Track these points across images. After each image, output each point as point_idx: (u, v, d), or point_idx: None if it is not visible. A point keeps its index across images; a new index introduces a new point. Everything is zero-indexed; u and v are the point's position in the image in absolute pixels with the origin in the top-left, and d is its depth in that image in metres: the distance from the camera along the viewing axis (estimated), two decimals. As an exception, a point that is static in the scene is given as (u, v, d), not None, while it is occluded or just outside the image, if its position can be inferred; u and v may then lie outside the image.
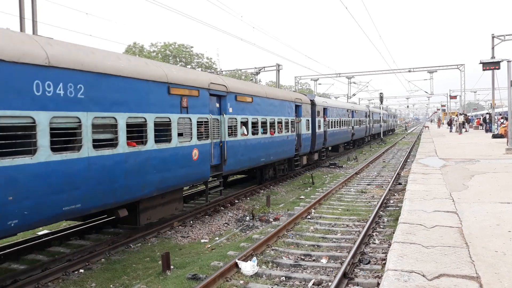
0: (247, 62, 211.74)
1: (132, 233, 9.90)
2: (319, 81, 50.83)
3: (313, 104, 21.76)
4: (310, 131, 20.85)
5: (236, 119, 12.75)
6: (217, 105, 11.79)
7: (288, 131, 17.63)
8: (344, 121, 29.93)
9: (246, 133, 13.45)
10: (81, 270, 7.82)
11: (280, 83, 35.44)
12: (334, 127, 26.69)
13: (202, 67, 49.49)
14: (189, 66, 45.97)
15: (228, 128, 12.21)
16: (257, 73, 35.91)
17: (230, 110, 12.35)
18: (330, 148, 29.66)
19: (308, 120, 20.60)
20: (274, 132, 16.07)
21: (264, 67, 35.53)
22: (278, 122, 16.62)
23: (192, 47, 50.06)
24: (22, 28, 11.58)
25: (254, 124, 14.30)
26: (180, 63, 46.94)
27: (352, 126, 32.99)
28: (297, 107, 19.15)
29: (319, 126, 22.50)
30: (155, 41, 67.22)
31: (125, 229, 10.47)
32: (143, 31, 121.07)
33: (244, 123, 13.54)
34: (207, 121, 10.96)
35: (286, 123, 17.54)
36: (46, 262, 7.97)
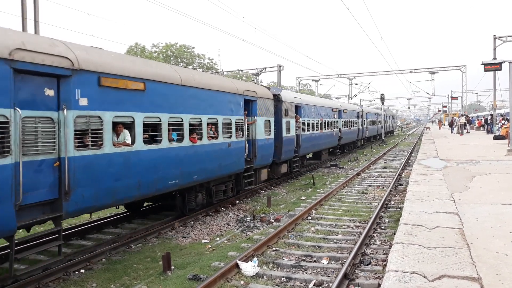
0: (249, 63, 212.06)
1: (133, 233, 9.90)
2: (320, 82, 50.89)
3: (278, 100, 16.93)
4: (272, 136, 15.91)
5: (100, 118, 7.63)
6: (50, 92, 6.76)
7: (230, 136, 12.50)
8: (328, 123, 24.92)
9: (129, 141, 8.41)
10: (82, 270, 7.83)
11: (281, 84, 35.44)
12: (312, 130, 21.69)
13: (203, 67, 49.54)
14: (190, 67, 46.04)
15: (78, 133, 7.23)
16: (259, 74, 35.95)
17: (84, 102, 7.27)
18: (310, 155, 26.06)
19: (269, 121, 15.64)
20: (201, 138, 10.84)
21: (265, 68, 35.56)
22: (211, 124, 11.54)
23: (193, 47, 50.18)
24: (24, 28, 11.61)
25: (152, 127, 9.17)
26: (181, 64, 47.01)
27: (339, 129, 28.08)
28: (249, 103, 14.26)
29: (289, 129, 17.70)
30: (157, 42, 67.37)
31: (126, 229, 10.48)
32: (144, 32, 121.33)
33: (128, 126, 8.47)
34: (7, 122, 5.96)
35: (227, 124, 12.43)
36: (47, 262, 7.97)
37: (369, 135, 42.84)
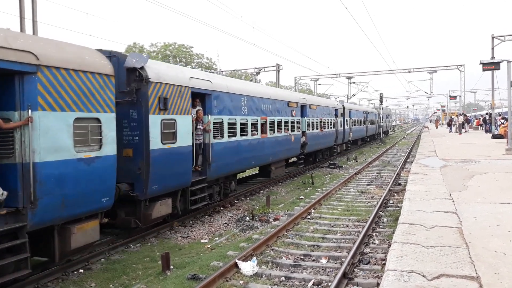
0: (247, 62, 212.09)
1: (132, 233, 9.88)
2: (319, 82, 50.93)
3: (138, 78, 8.86)
4: (108, 151, 7.72)
5: None
6: None
7: None
8: (280, 123, 17.06)
9: None
10: (81, 270, 7.81)
11: (280, 83, 35.47)
12: (243, 135, 13.53)
13: (202, 67, 49.52)
14: (189, 66, 46.01)
15: None
16: (257, 73, 35.95)
17: None
18: (256, 172, 18.97)
19: (97, 120, 7.54)
20: None
21: (264, 67, 35.57)
22: None
23: (192, 47, 50.10)
24: (22, 28, 11.58)
25: None
26: (180, 63, 46.96)
27: (303, 131, 20.27)
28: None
29: (172, 135, 9.69)
30: (155, 41, 67.26)
31: (125, 229, 10.41)
32: (143, 31, 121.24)
33: None
34: None
35: None
36: (46, 262, 7.95)
37: (354, 137, 34.78)
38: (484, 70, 27.13)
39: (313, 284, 6.67)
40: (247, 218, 12.03)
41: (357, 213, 11.72)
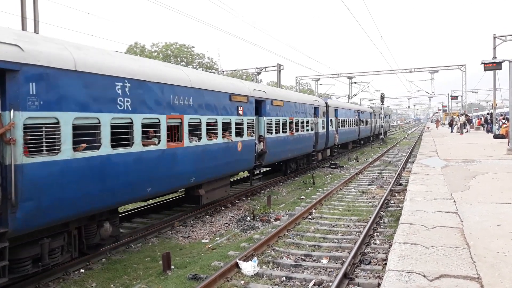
0: (249, 62, 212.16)
1: (132, 233, 9.90)
2: (320, 81, 50.84)
3: None
4: None
5: None
6: None
7: None
8: (215, 125, 11.69)
9: None
10: (82, 270, 7.83)
11: (281, 83, 35.44)
12: (116, 146, 7.68)
13: (203, 67, 49.54)
14: (190, 66, 46.02)
15: None
16: (258, 73, 35.94)
17: None
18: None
19: None
20: None
21: (265, 67, 35.55)
22: None
23: (193, 47, 50.13)
24: (23, 28, 11.61)
25: None
26: (181, 63, 46.99)
27: (260, 136, 15.07)
28: None
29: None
30: (157, 41, 67.24)
31: (125, 228, 10.45)
32: (144, 31, 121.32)
33: None
34: None
35: None
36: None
37: (342, 141, 29.10)
38: (485, 70, 27.11)
39: (314, 284, 6.67)
40: (248, 218, 12.03)
41: (358, 213, 11.72)
